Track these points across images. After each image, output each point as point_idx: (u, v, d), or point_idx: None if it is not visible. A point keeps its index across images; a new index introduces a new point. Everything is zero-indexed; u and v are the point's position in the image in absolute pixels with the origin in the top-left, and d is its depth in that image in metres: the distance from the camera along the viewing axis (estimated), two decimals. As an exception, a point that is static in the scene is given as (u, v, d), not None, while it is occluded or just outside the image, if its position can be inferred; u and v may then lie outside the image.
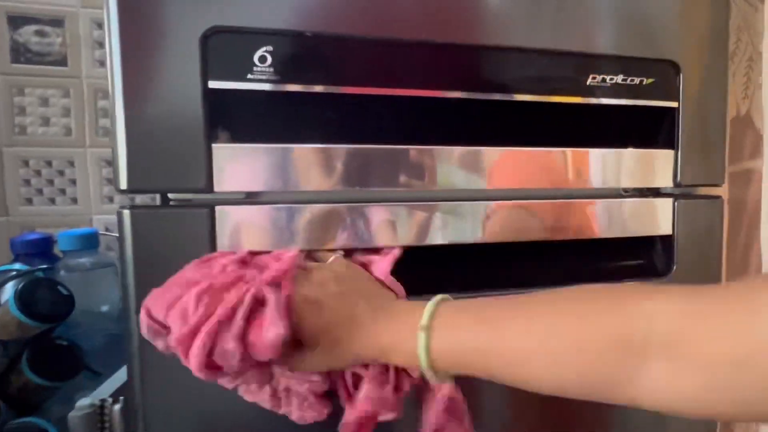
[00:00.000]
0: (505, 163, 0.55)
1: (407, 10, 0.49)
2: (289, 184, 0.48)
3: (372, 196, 0.51)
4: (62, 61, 0.88)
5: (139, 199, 0.83)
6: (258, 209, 0.47)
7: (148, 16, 0.43)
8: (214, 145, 0.45)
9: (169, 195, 0.48)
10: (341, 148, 0.49)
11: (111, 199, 0.91)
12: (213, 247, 0.46)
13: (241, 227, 0.46)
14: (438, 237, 0.53)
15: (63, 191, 0.89)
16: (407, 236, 0.52)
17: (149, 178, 0.44)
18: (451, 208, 0.53)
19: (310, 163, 0.48)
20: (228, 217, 0.46)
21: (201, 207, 0.45)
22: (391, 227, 0.51)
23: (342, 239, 0.49)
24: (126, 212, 0.44)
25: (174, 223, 0.45)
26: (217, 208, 0.46)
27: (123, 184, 0.43)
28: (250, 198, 0.48)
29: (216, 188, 0.45)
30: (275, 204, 0.47)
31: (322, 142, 0.48)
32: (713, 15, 0.62)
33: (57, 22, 0.87)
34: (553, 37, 0.55)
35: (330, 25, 0.47)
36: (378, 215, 0.50)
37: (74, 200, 0.90)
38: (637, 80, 0.60)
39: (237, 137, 0.46)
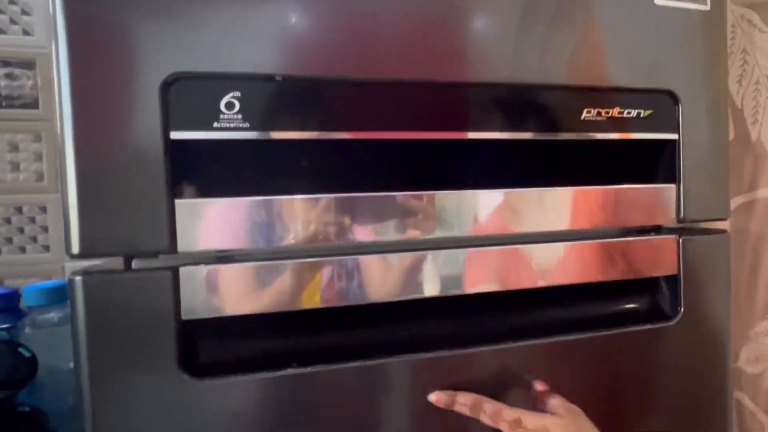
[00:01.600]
0: (497, 206, 0.51)
1: (388, 49, 0.46)
2: (263, 240, 0.43)
3: (358, 249, 0.46)
4: (33, 104, 0.84)
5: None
6: (229, 269, 0.43)
7: (102, 62, 0.39)
8: (177, 201, 0.41)
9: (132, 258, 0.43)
10: (320, 199, 0.45)
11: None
12: (177, 312, 0.41)
13: (210, 289, 0.42)
14: (433, 287, 0.49)
15: (34, 239, 0.85)
16: (397, 289, 0.47)
17: (105, 240, 0.39)
18: (445, 256, 0.49)
19: (286, 217, 0.44)
20: (194, 280, 0.42)
21: (163, 270, 0.41)
22: (380, 282, 0.47)
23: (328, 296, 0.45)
24: (78, 279, 0.39)
25: (133, 289, 0.40)
26: (182, 270, 0.41)
27: (75, 248, 0.39)
28: (221, 257, 0.44)
29: (180, 248, 0.41)
30: (248, 263, 0.43)
31: (298, 193, 0.44)
32: (711, 42, 0.59)
33: (28, 65, 0.83)
34: (542, 71, 0.51)
35: (303, 67, 0.43)
36: (368, 269, 0.46)
37: (46, 248, 0.85)
38: (634, 112, 0.57)
39: (203, 191, 0.42)
